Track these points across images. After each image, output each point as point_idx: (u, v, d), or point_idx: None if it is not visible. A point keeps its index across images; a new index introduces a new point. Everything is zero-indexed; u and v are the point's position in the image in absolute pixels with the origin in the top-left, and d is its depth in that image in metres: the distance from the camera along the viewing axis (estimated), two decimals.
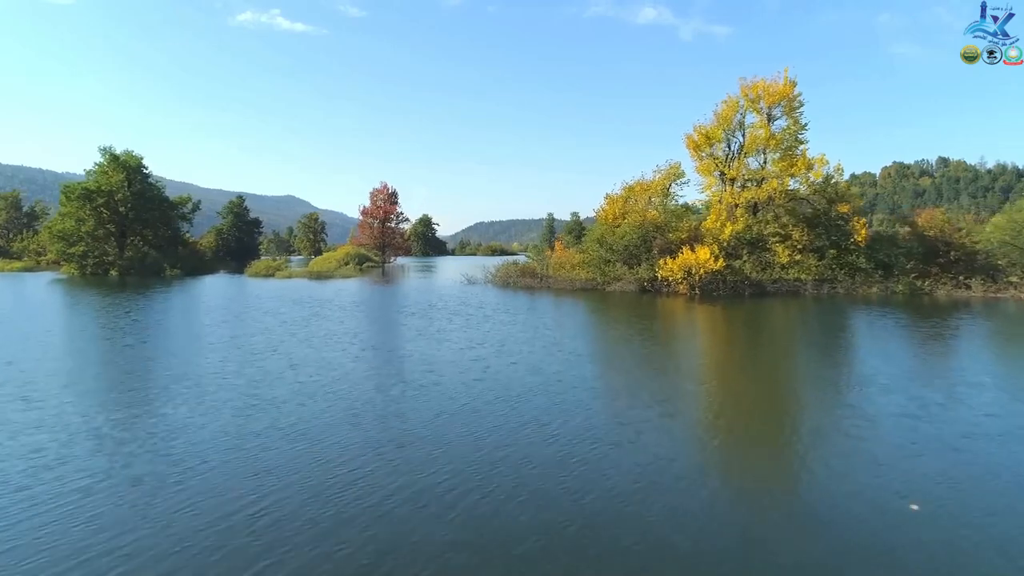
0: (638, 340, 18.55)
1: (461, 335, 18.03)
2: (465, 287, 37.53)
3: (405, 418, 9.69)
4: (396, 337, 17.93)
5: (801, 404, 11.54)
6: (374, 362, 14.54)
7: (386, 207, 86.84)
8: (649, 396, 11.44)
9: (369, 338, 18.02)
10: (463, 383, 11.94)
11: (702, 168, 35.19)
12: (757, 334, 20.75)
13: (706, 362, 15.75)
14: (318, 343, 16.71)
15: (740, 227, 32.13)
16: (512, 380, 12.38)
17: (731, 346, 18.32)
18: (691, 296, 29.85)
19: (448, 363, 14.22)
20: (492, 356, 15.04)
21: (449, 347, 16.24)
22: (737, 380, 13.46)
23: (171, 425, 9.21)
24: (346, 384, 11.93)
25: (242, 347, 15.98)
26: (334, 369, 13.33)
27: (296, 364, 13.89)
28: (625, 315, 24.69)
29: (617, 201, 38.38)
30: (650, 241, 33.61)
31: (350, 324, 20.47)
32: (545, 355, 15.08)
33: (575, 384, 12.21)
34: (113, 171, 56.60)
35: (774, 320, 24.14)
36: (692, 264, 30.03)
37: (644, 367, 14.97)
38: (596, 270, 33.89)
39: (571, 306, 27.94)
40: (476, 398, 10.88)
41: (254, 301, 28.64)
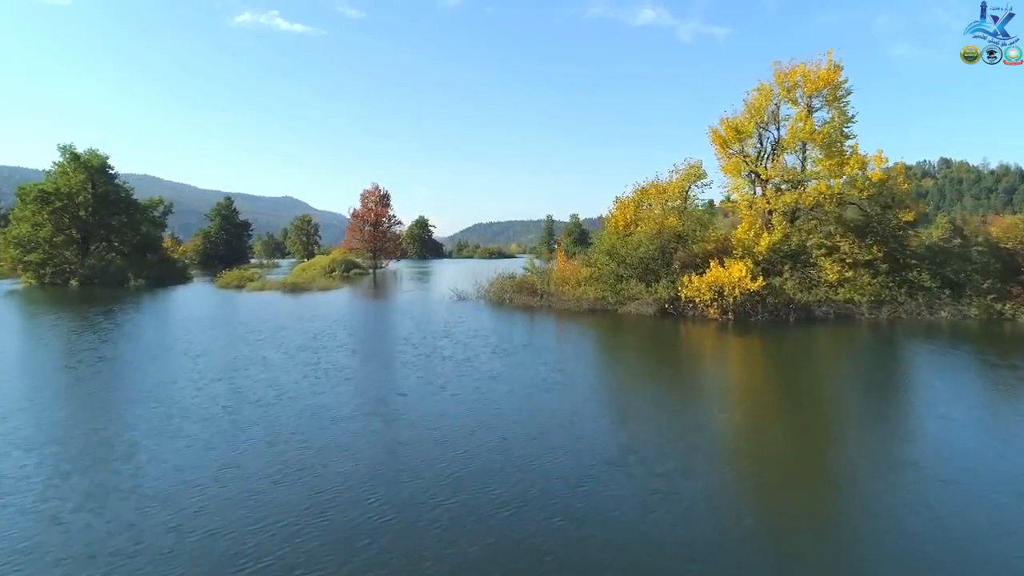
0: (670, 404, 12.84)
1: (430, 404, 12.37)
2: (454, 305, 31.90)
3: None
4: (332, 409, 12.29)
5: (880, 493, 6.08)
6: (290, 463, 8.76)
7: (377, 209, 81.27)
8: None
9: (291, 416, 12.23)
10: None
11: (729, 167, 29.57)
12: (818, 383, 15.13)
13: (767, 443, 10.03)
14: (222, 417, 10.96)
15: (778, 237, 26.54)
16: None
17: (797, 413, 12.69)
18: (723, 322, 24.25)
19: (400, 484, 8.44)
20: (475, 454, 9.31)
21: (410, 429, 10.51)
22: (810, 476, 7.81)
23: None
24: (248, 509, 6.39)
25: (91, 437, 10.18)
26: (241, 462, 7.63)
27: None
28: (644, 352, 19.06)
29: (628, 206, 32.72)
30: (669, 253, 28.00)
31: (286, 375, 14.84)
32: (554, 458, 9.33)
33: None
34: (74, 172, 50.90)
35: (838, 359, 18.49)
36: (724, 283, 24.43)
37: (695, 456, 9.26)
38: (606, 287, 28.27)
39: (577, 336, 22.29)
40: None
41: (196, 327, 22.99)
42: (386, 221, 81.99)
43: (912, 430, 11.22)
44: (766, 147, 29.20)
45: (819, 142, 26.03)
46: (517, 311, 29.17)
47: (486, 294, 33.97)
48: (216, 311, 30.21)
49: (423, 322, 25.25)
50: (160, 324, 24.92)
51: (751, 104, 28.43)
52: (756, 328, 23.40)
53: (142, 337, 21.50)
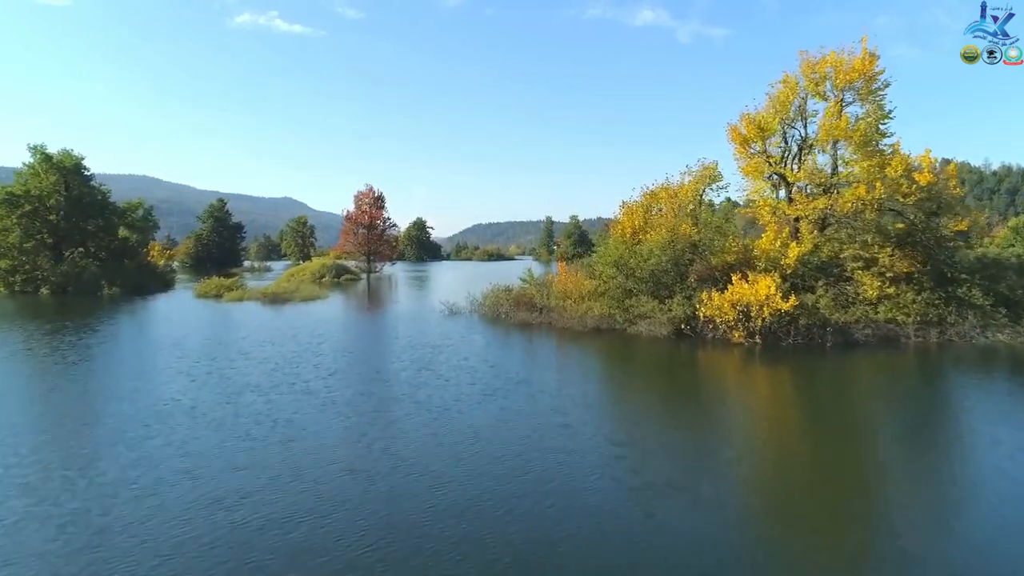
0: (702, 475, 9.41)
1: (386, 490, 8.97)
2: (445, 321, 28.54)
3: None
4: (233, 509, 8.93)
5: None
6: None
7: (372, 211, 77.86)
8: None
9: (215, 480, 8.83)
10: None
11: (750, 169, 26.20)
12: (868, 425, 11.74)
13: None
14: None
15: (807, 248, 23.18)
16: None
17: (845, 467, 9.34)
18: (749, 347, 20.89)
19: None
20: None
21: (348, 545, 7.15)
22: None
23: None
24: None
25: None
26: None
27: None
28: (662, 391, 15.61)
29: (637, 211, 29.37)
30: (684, 265, 24.65)
31: (206, 438, 11.46)
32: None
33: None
34: (45, 173, 47.47)
35: (887, 395, 15.05)
36: (750, 301, 21.07)
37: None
38: (613, 304, 24.91)
39: (582, 367, 18.90)
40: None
41: (144, 355, 19.58)
42: (381, 223, 78.70)
43: (965, 483, 9.67)
44: (791, 146, 25.86)
45: (856, 140, 22.64)
46: (514, 328, 25.82)
47: (480, 308, 30.63)
48: (180, 328, 26.85)
49: (406, 346, 21.88)
50: (107, 352, 21.55)
51: (776, 98, 25.05)
52: (788, 354, 20.05)
53: (74, 375, 18.11)
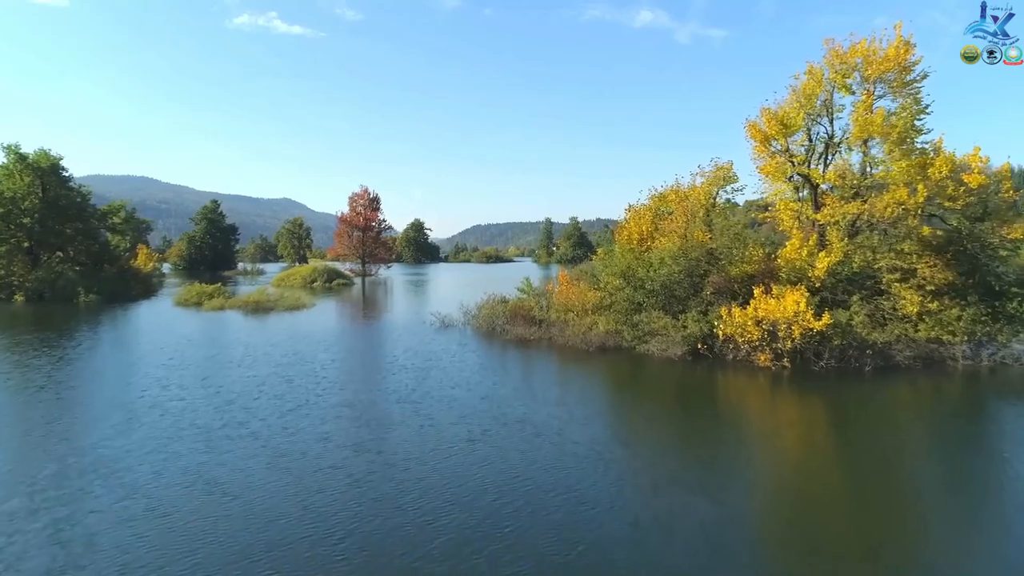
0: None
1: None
2: (437, 335, 25.91)
3: None
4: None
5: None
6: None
7: (367, 213, 75.32)
8: None
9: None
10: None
11: (769, 169, 23.54)
12: (917, 486, 9.11)
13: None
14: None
15: (837, 258, 20.55)
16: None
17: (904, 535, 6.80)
18: (777, 370, 18.24)
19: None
20: None
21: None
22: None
23: None
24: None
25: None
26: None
27: None
28: (681, 428, 12.82)
29: (644, 215, 26.75)
30: (699, 277, 22.02)
31: (103, 514, 8.84)
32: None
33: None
34: (20, 174, 44.83)
35: (940, 434, 12.31)
36: (778, 317, 18.42)
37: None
38: (620, 319, 22.28)
39: (586, 392, 16.18)
40: None
41: (90, 380, 16.89)
42: (376, 226, 76.14)
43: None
44: (815, 144, 23.22)
45: (893, 138, 19.99)
46: (510, 346, 23.18)
47: (475, 320, 27.98)
48: (143, 345, 24.20)
49: (388, 368, 19.25)
50: (53, 378, 18.89)
51: (800, 91, 22.39)
52: (821, 380, 17.41)
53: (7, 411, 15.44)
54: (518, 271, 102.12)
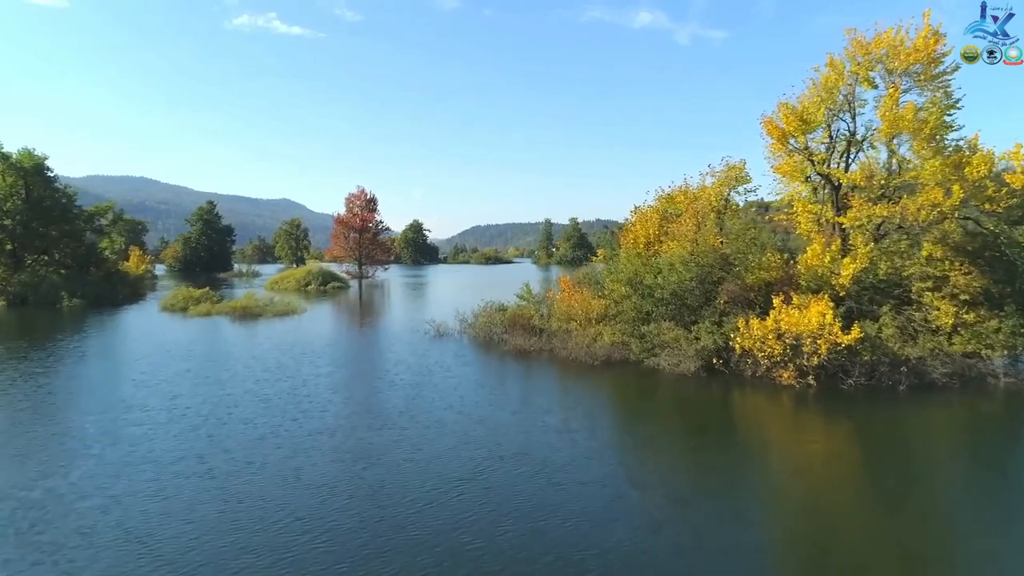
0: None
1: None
2: (430, 345, 24.21)
3: None
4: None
5: None
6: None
7: (364, 215, 73.64)
8: None
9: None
10: None
11: (787, 168, 21.82)
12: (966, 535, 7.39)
13: None
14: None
15: (863, 264, 18.81)
16: None
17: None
18: (801, 389, 16.50)
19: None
20: None
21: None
22: None
23: None
24: None
25: None
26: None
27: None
28: (691, 459, 11.03)
29: (651, 218, 25.02)
30: (711, 284, 20.29)
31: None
32: None
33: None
34: (2, 174, 43.12)
35: (990, 466, 10.62)
36: (802, 331, 16.69)
37: None
38: (627, 330, 20.55)
39: (591, 414, 14.34)
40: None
41: (48, 399, 15.11)
42: (373, 227, 74.48)
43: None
44: (836, 142, 21.50)
45: (925, 134, 18.27)
46: (509, 358, 21.47)
47: (471, 327, 26.26)
48: (117, 357, 22.51)
49: (373, 386, 17.53)
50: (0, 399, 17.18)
51: (821, 84, 20.68)
52: (851, 401, 15.69)
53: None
54: (517, 273, 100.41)
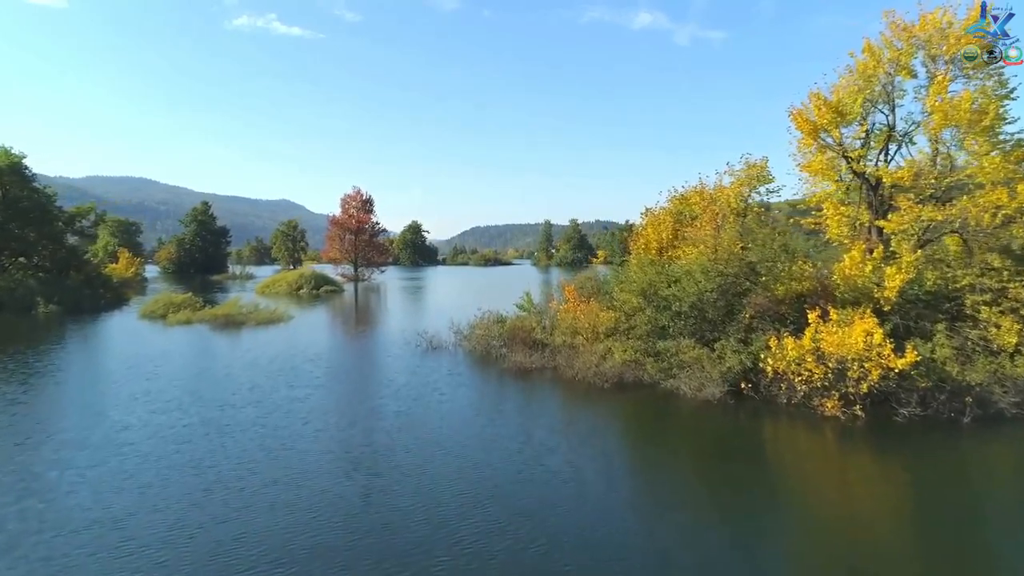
0: None
1: None
2: (422, 361, 21.83)
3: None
4: None
5: None
6: None
7: (359, 216, 71.19)
8: None
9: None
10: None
11: (817, 165, 19.44)
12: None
13: None
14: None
15: (910, 275, 16.41)
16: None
17: None
18: (847, 420, 14.11)
19: None
20: None
21: None
22: None
23: None
24: None
25: None
26: None
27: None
28: (725, 519, 8.56)
29: (664, 221, 22.65)
30: (735, 296, 17.90)
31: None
32: None
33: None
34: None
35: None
36: (847, 353, 14.30)
37: None
38: (641, 347, 18.15)
39: (601, 455, 11.78)
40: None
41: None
42: (369, 228, 72.07)
43: None
44: (873, 137, 19.11)
45: (985, 125, 15.89)
46: (508, 377, 19.08)
47: (467, 339, 23.86)
48: (76, 377, 20.13)
49: (355, 415, 15.10)
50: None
51: (859, 70, 18.31)
52: (907, 436, 13.30)
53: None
54: (517, 275, 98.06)
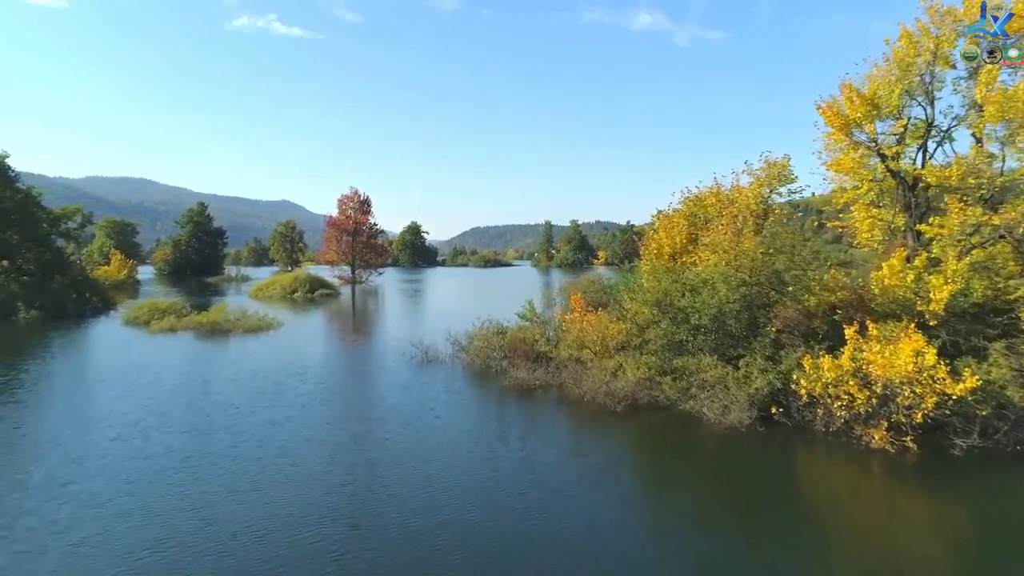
0: None
1: None
2: (416, 375, 20.05)
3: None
4: None
5: None
6: None
7: (357, 217, 69.19)
8: None
9: None
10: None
11: (848, 164, 17.66)
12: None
13: None
14: None
15: (958, 285, 14.63)
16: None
17: None
18: (897, 453, 12.32)
19: None
20: None
21: None
22: None
23: None
24: None
25: None
26: None
27: None
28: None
29: (678, 224, 20.86)
30: (760, 308, 16.10)
31: None
32: None
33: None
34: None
35: None
36: (894, 375, 12.51)
37: None
38: (655, 363, 16.35)
39: (617, 497, 9.90)
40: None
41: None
42: (367, 230, 70.13)
43: None
44: (910, 132, 17.31)
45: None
46: (510, 396, 17.30)
47: (466, 350, 22.08)
48: (37, 397, 18.34)
49: (336, 443, 13.28)
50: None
51: (896, 59, 16.52)
52: (966, 471, 11.53)
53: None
54: (517, 276, 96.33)
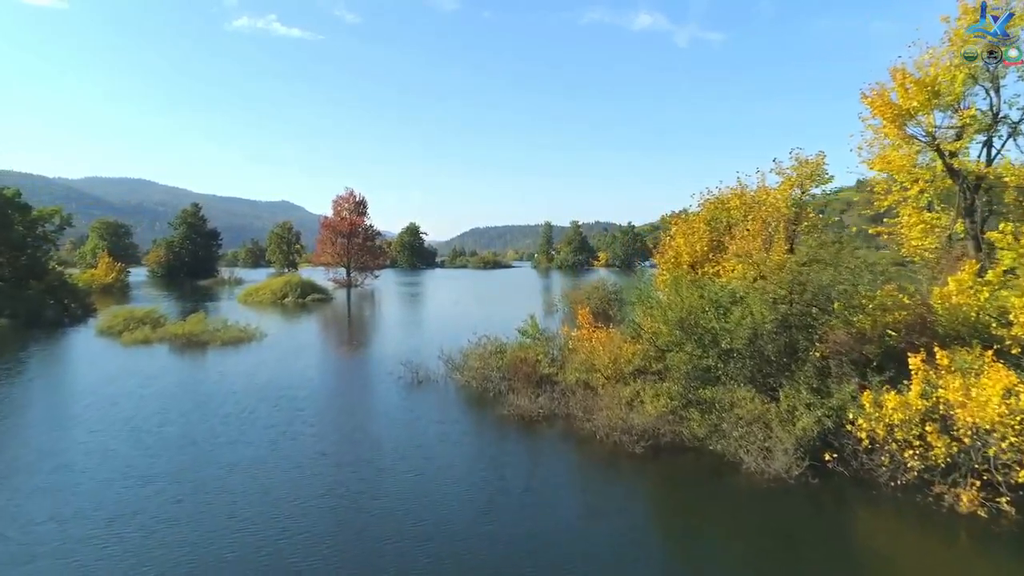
0: None
1: None
2: (405, 400, 17.64)
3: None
4: None
5: None
6: None
7: (352, 218, 67.02)
8: None
9: None
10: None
11: (896, 162, 15.26)
12: None
13: None
14: None
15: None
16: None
17: None
18: (990, 518, 9.93)
19: None
20: None
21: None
22: None
23: None
24: None
25: None
26: None
27: None
28: None
29: (699, 230, 18.46)
30: (801, 331, 13.67)
31: None
32: None
33: None
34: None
35: None
36: (984, 419, 10.11)
37: None
38: (680, 394, 13.94)
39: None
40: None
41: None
42: (363, 231, 67.86)
43: None
44: (971, 125, 14.91)
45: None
46: (510, 428, 14.88)
47: (462, 369, 19.64)
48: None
49: (285, 510, 10.84)
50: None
51: (955, 39, 14.14)
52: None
53: None
54: (517, 279, 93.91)
